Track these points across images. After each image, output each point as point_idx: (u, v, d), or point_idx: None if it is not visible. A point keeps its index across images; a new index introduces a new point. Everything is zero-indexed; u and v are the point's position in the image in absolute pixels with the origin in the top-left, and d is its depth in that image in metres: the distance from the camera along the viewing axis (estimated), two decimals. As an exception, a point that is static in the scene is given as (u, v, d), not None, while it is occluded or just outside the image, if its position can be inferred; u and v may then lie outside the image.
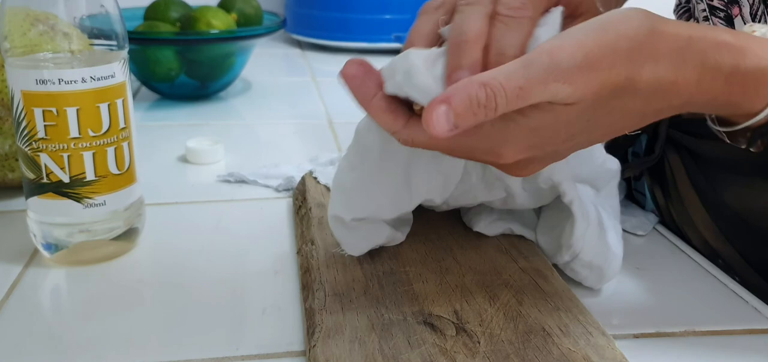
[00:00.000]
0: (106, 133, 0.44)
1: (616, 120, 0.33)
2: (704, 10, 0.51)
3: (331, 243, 0.45)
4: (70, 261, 0.46)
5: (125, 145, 0.46)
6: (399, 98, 0.34)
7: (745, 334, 0.41)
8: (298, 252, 0.48)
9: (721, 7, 0.50)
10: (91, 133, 0.44)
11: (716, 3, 0.50)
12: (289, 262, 0.48)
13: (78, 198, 0.44)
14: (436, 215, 0.50)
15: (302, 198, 0.55)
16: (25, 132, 0.43)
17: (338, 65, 0.38)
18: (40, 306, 0.42)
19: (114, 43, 0.45)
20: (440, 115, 0.30)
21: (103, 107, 0.44)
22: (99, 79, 0.43)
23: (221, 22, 0.90)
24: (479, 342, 0.36)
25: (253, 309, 0.42)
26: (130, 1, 0.87)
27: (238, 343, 0.38)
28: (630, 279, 0.47)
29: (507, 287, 0.41)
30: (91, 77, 0.43)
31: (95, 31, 0.44)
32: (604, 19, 0.31)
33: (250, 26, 0.96)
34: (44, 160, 0.43)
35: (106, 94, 0.44)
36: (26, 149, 0.44)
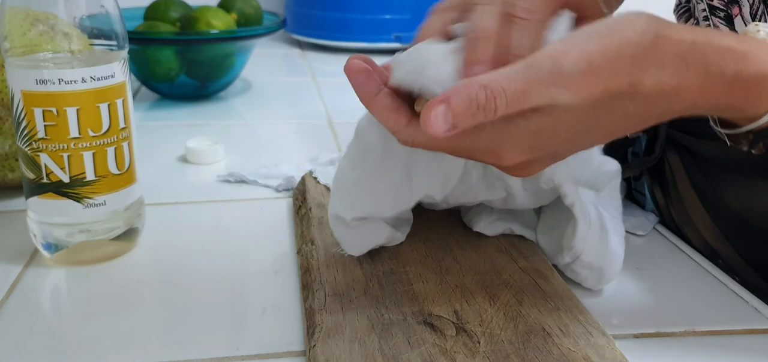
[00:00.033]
0: (106, 133, 0.44)
1: (617, 122, 0.33)
2: (704, 10, 0.51)
3: (331, 243, 0.45)
4: (70, 261, 0.46)
5: (125, 145, 0.46)
6: (401, 97, 0.34)
7: (745, 334, 0.41)
8: (298, 252, 0.48)
9: (721, 6, 0.50)
10: (91, 133, 0.44)
11: (716, 3, 0.50)
12: (289, 262, 0.48)
13: (78, 198, 0.44)
14: (436, 215, 0.50)
15: (302, 198, 0.55)
16: (25, 132, 0.43)
17: (338, 65, 0.38)
18: (40, 306, 0.42)
19: (114, 43, 0.45)
20: (439, 114, 0.30)
21: (103, 107, 0.44)
22: (99, 79, 0.43)
23: (221, 22, 0.90)
24: (479, 342, 0.36)
25: (253, 309, 0.42)
26: (130, 1, 0.87)
27: (238, 343, 0.38)
28: (630, 279, 0.47)
29: (507, 287, 0.41)
30: (91, 77, 0.43)
31: (95, 31, 0.44)
32: (610, 23, 0.31)
33: (250, 26, 0.96)
34: (44, 160, 0.43)
35: (106, 94, 0.44)
36: (26, 149, 0.44)
